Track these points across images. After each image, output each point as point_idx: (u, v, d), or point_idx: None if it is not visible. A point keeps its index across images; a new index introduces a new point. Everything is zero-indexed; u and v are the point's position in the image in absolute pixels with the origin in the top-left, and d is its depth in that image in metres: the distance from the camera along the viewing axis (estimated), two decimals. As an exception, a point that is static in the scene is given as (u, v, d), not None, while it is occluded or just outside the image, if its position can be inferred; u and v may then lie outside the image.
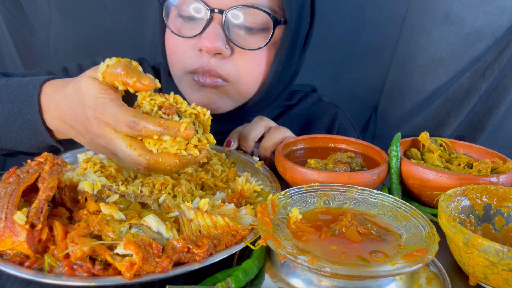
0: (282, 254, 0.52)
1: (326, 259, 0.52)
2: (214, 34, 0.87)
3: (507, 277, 0.54)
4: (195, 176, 0.84)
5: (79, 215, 0.59)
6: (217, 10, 0.86)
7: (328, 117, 1.22)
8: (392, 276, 0.52)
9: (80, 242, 0.52)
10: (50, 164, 0.59)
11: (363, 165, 0.85)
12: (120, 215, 0.57)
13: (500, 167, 0.81)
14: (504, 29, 1.37)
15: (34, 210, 0.54)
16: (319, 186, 0.70)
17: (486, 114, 1.48)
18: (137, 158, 0.62)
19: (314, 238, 0.58)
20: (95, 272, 0.51)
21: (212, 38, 0.86)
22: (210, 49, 0.87)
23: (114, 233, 0.54)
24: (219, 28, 0.88)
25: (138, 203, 0.63)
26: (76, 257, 0.51)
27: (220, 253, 0.57)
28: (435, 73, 1.50)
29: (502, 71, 1.42)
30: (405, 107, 1.59)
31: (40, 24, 1.54)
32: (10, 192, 0.55)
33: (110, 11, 1.52)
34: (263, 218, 0.60)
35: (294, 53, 1.00)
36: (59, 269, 0.51)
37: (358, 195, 0.69)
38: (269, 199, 0.65)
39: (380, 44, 1.56)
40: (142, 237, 0.53)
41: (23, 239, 0.52)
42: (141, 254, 0.51)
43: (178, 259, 0.54)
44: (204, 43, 0.87)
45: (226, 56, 0.90)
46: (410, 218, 0.62)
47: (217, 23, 0.88)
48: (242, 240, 0.60)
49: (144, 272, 0.51)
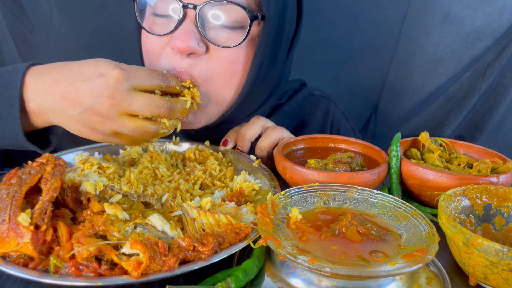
0: (282, 254, 0.52)
1: (326, 259, 0.52)
2: (186, 32, 0.82)
3: (507, 277, 0.54)
4: (193, 175, 0.84)
5: (82, 215, 0.59)
6: (191, 5, 0.82)
7: (320, 111, 1.20)
8: (392, 276, 0.52)
9: (86, 242, 0.52)
10: (52, 165, 0.59)
11: (363, 165, 0.85)
12: (124, 215, 0.57)
13: (500, 167, 0.81)
14: (503, 29, 1.38)
15: (38, 211, 0.54)
16: (319, 186, 0.70)
17: (486, 114, 1.48)
18: (148, 124, 0.74)
19: (314, 238, 0.58)
20: (101, 272, 0.51)
21: (183, 38, 0.82)
22: (182, 49, 0.82)
23: (119, 233, 0.54)
24: (192, 26, 0.83)
25: (141, 202, 0.63)
26: (82, 257, 0.51)
27: (225, 250, 0.57)
28: (435, 73, 1.50)
29: (502, 71, 1.42)
30: (405, 107, 1.59)
31: (41, 24, 1.54)
32: (12, 194, 0.55)
33: (110, 11, 1.52)
34: (263, 218, 0.60)
35: (278, 54, 0.95)
36: (65, 270, 0.51)
37: (358, 195, 0.69)
38: (269, 199, 0.66)
39: (380, 44, 1.56)
40: (148, 236, 0.54)
41: (28, 240, 0.52)
42: (148, 253, 0.51)
43: (184, 257, 0.54)
44: (176, 43, 0.82)
45: (200, 54, 0.85)
46: (410, 218, 0.62)
47: (190, 21, 0.84)
48: (246, 238, 0.60)
49: (151, 271, 0.51)
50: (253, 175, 0.85)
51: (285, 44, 0.97)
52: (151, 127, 0.75)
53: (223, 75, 0.88)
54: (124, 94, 0.71)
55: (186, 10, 0.83)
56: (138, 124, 0.74)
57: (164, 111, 0.75)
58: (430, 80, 1.52)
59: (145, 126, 0.74)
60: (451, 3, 1.40)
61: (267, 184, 0.80)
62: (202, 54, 0.85)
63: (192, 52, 0.84)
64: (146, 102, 0.73)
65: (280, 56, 0.96)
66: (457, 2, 1.39)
